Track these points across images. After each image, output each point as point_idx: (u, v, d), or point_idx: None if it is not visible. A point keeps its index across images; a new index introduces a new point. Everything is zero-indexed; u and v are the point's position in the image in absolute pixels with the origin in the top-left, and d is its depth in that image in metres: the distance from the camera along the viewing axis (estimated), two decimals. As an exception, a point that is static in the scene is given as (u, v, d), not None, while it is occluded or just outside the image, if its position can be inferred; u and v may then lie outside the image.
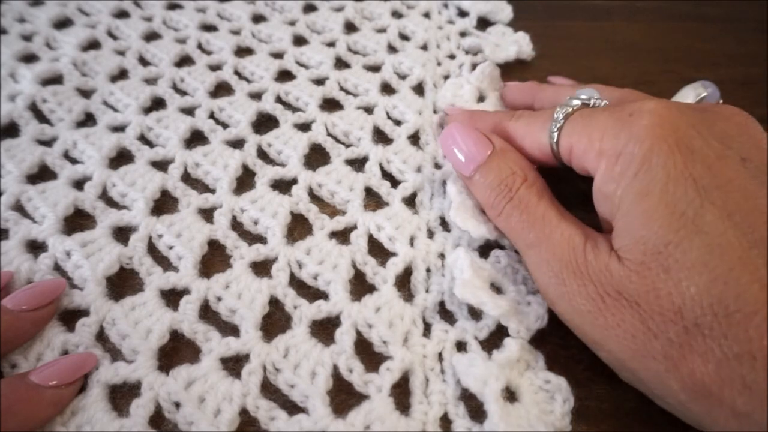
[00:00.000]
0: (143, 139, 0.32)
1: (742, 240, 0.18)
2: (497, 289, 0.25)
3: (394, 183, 0.30)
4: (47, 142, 0.31)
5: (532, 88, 0.32)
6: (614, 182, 0.21)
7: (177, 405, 0.21)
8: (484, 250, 0.26)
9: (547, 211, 0.23)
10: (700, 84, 0.27)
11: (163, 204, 0.29)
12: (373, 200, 0.29)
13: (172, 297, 0.25)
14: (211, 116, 0.33)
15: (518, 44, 0.38)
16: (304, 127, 0.32)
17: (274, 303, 0.24)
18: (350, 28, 0.41)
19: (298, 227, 0.28)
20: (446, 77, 0.36)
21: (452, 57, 0.38)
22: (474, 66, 0.37)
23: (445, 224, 0.28)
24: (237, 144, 0.31)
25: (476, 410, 0.21)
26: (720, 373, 0.17)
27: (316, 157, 0.31)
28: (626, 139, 0.21)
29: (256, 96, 0.35)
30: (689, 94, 0.27)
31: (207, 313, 0.24)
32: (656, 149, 0.20)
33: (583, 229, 0.23)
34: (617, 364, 0.21)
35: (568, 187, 0.30)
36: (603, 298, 0.20)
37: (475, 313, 0.24)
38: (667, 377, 0.19)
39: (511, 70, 0.38)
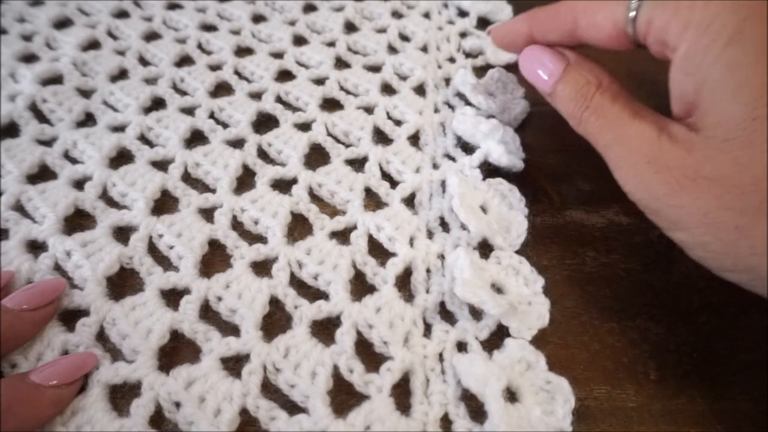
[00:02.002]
0: (143, 139, 0.32)
1: None
2: (498, 289, 0.25)
3: (393, 183, 0.30)
4: (47, 142, 0.31)
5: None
6: (700, 55, 0.21)
7: (177, 405, 0.21)
8: (485, 251, 0.26)
9: (622, 111, 0.24)
10: None
11: (164, 204, 0.29)
12: (373, 200, 0.29)
13: (172, 297, 0.25)
14: (211, 116, 0.33)
15: (519, 44, 0.38)
16: (304, 126, 0.32)
17: (275, 303, 0.24)
18: (350, 28, 0.41)
19: (299, 227, 0.28)
20: (447, 80, 0.36)
21: (452, 60, 0.38)
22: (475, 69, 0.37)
23: (444, 225, 0.28)
24: (237, 144, 0.31)
25: (477, 411, 0.21)
26: None
27: (316, 156, 0.31)
28: (718, 9, 0.21)
29: (256, 96, 0.35)
30: None
31: (207, 313, 0.24)
32: (750, 19, 0.20)
33: (657, 121, 0.23)
34: (691, 241, 0.22)
35: (567, 187, 0.30)
36: (679, 181, 0.21)
37: (475, 314, 0.24)
38: (737, 244, 0.20)
39: (512, 70, 0.38)
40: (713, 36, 0.21)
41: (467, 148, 0.31)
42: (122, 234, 0.27)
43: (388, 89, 0.35)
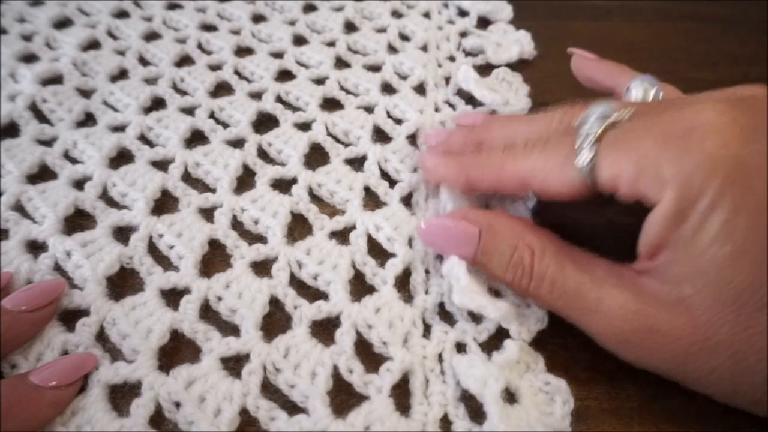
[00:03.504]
0: (143, 139, 0.32)
1: None
2: (496, 293, 0.25)
3: (392, 182, 0.30)
4: (47, 142, 0.31)
5: (613, 70, 0.29)
6: (686, 218, 0.19)
7: (177, 405, 0.21)
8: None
9: (580, 283, 0.21)
10: (642, 80, 0.26)
11: (164, 204, 0.29)
12: (372, 200, 0.29)
13: (172, 297, 0.25)
14: (212, 116, 0.33)
15: (520, 44, 0.38)
16: (305, 126, 0.32)
17: (275, 303, 0.24)
18: (350, 27, 0.41)
19: (298, 227, 0.28)
20: (447, 78, 0.36)
21: (452, 59, 0.38)
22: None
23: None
24: (237, 143, 0.31)
25: (476, 411, 0.21)
26: None
27: (316, 156, 0.31)
28: (692, 167, 0.19)
29: (256, 96, 0.35)
30: (639, 93, 0.26)
31: (207, 313, 0.24)
32: (728, 184, 0.18)
33: (624, 282, 0.21)
34: (717, 396, 0.21)
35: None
36: (687, 351, 0.19)
37: (475, 315, 0.24)
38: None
39: (515, 69, 0.38)
40: (694, 198, 0.19)
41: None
42: (122, 234, 0.27)
43: (388, 89, 0.35)
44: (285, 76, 0.36)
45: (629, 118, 0.22)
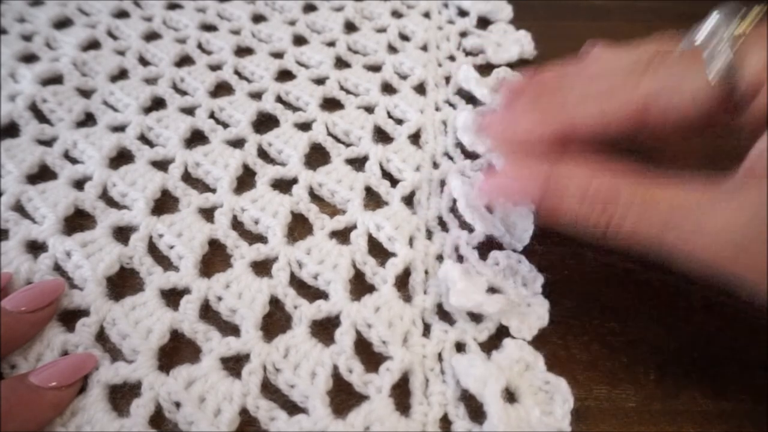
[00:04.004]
0: (143, 139, 0.32)
1: None
2: (496, 292, 0.25)
3: (394, 182, 0.30)
4: (47, 142, 0.31)
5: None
6: None
7: (177, 405, 0.21)
8: (483, 252, 0.26)
9: (675, 202, 0.18)
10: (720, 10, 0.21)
11: (164, 204, 0.29)
12: (373, 200, 0.29)
13: (172, 297, 0.25)
14: (212, 116, 0.33)
15: (520, 43, 0.38)
16: (305, 126, 0.32)
17: (275, 303, 0.24)
18: (350, 27, 0.41)
19: (299, 227, 0.28)
20: (447, 78, 0.36)
21: (452, 59, 0.38)
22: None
23: (443, 224, 0.28)
24: (237, 143, 0.31)
25: (476, 411, 0.21)
26: None
27: (317, 156, 0.31)
28: None
29: (257, 96, 0.35)
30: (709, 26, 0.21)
31: (207, 313, 0.24)
32: None
33: (727, 191, 0.18)
34: None
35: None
36: None
37: (474, 315, 0.24)
38: None
39: (512, 69, 0.38)
40: None
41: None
42: (122, 234, 0.27)
43: (388, 88, 0.35)
44: (285, 76, 0.36)
45: (763, 15, 0.19)
